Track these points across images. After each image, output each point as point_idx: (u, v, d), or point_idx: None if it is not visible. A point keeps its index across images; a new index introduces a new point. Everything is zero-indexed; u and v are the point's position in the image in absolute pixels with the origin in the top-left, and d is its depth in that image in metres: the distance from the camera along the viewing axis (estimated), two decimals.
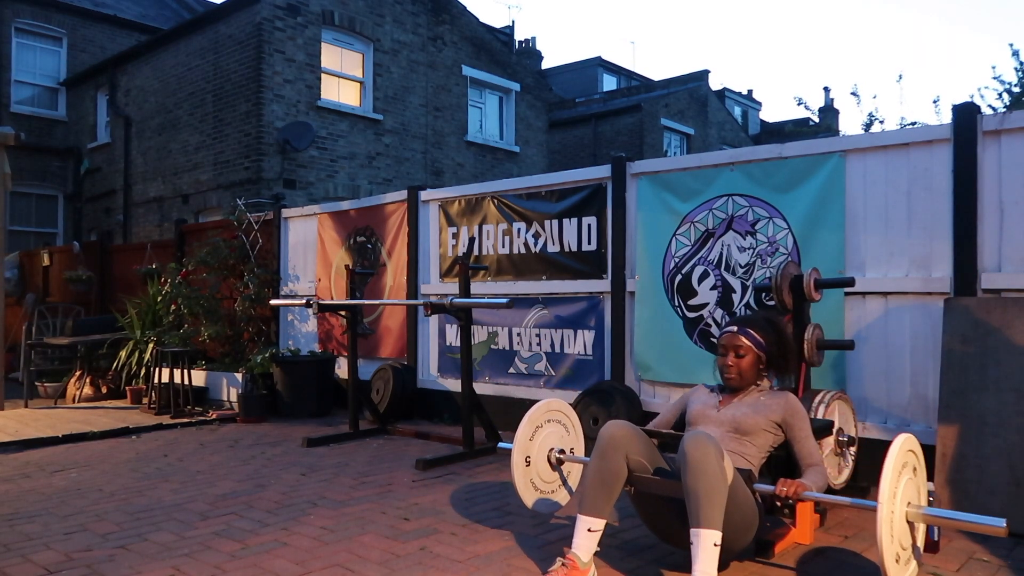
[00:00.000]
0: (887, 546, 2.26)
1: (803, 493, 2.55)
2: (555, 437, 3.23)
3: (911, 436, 2.54)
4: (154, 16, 16.68)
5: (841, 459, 3.56)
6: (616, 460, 2.63)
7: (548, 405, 3.25)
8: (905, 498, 2.41)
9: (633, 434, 2.70)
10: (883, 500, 2.27)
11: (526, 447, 3.11)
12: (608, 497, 2.63)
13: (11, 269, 10.63)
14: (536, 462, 3.14)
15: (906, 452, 2.47)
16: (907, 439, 2.49)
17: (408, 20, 12.53)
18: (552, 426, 3.23)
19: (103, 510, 3.73)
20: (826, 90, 27.52)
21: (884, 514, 2.27)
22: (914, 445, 2.56)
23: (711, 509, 2.36)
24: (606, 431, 2.69)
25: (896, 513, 2.34)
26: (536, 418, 3.17)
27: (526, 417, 3.14)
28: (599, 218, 5.34)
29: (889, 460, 2.34)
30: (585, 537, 2.61)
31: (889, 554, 2.27)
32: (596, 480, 2.63)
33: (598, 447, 2.67)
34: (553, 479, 3.22)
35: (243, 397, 6.51)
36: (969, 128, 3.81)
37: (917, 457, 2.57)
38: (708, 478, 2.38)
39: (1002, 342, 3.47)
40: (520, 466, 3.07)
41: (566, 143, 19.44)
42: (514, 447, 3.07)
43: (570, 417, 3.33)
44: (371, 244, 6.94)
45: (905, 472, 2.44)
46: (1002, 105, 12.08)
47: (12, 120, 13.66)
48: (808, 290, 3.55)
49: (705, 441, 2.44)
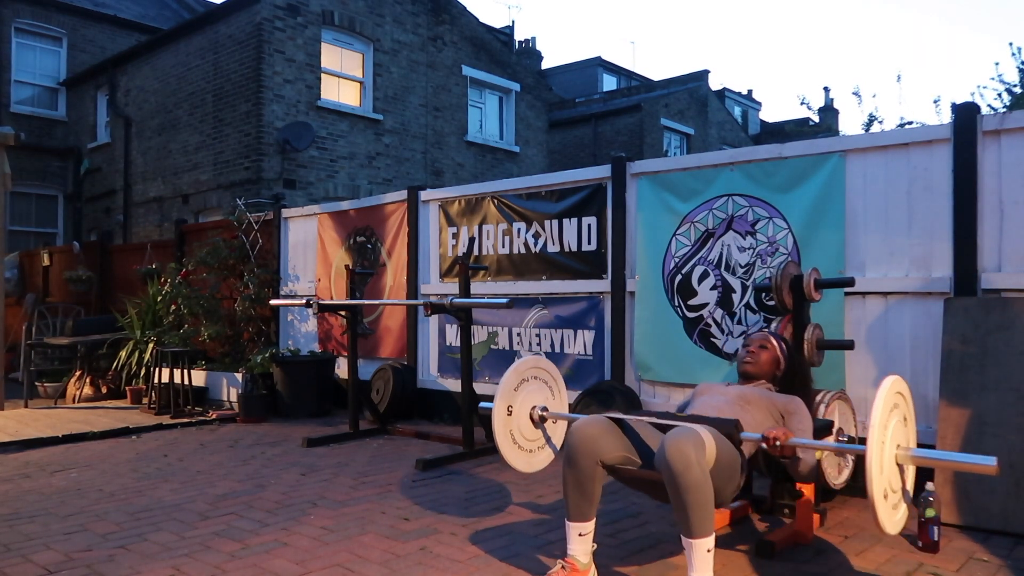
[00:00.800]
0: (876, 479, 2.19)
1: (791, 440, 2.48)
2: (539, 395, 3.17)
3: (899, 378, 2.49)
4: (154, 16, 16.68)
5: (841, 459, 3.56)
6: (586, 464, 2.60)
7: (536, 361, 3.21)
8: (895, 439, 2.36)
9: (601, 431, 2.65)
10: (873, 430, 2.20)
11: (509, 396, 3.04)
12: (588, 500, 2.62)
13: (11, 269, 10.63)
14: (518, 416, 3.08)
15: (895, 394, 2.41)
16: (895, 380, 2.44)
17: (408, 20, 12.53)
18: (537, 384, 3.17)
19: (103, 510, 3.73)
20: (826, 90, 27.55)
21: (875, 443, 2.20)
22: (903, 387, 2.51)
23: (701, 519, 2.34)
24: (572, 436, 2.64)
25: (887, 447, 2.29)
26: (523, 370, 3.12)
27: (512, 368, 3.09)
28: (599, 218, 5.34)
29: (879, 397, 2.28)
30: (578, 541, 2.61)
31: (878, 488, 2.21)
32: (572, 487, 2.62)
33: (567, 453, 2.64)
34: (535, 437, 3.16)
35: (243, 397, 6.51)
36: (969, 128, 3.80)
37: (906, 401, 2.53)
38: (694, 490, 2.32)
39: (1002, 342, 3.47)
40: (501, 414, 3.00)
41: (566, 143, 19.44)
42: (497, 393, 3.01)
43: (556, 379, 3.29)
44: (371, 244, 6.94)
45: (895, 413, 2.39)
46: (1002, 105, 12.08)
47: (12, 120, 13.66)
48: (808, 290, 3.55)
49: (683, 441, 2.36)
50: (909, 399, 2.58)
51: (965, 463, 2.35)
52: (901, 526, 2.41)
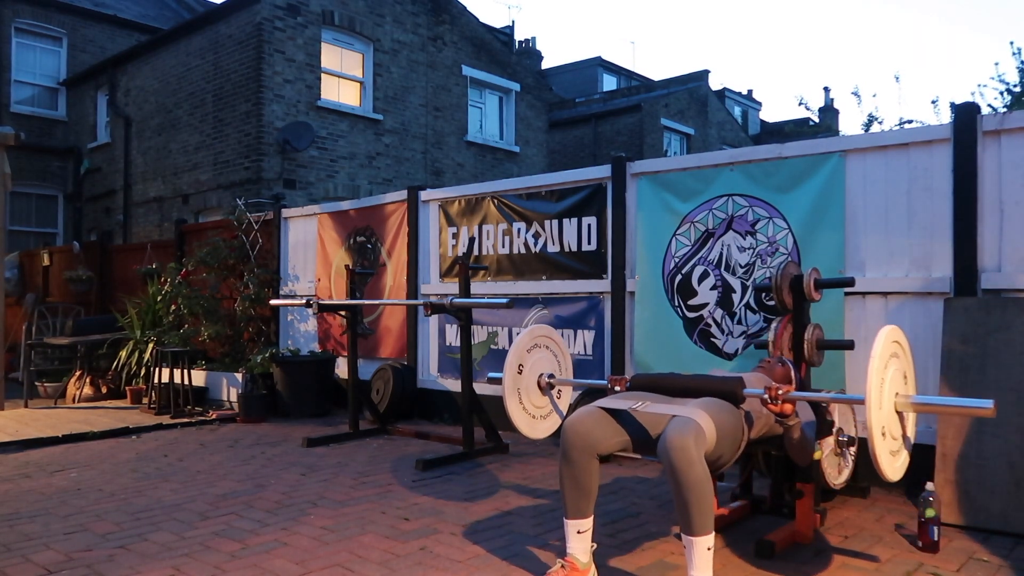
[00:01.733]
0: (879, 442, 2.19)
1: (791, 393, 2.48)
2: (547, 363, 3.19)
3: (896, 327, 2.49)
4: (154, 16, 16.68)
5: (841, 459, 3.56)
6: (583, 460, 2.59)
7: (547, 330, 3.26)
8: (893, 388, 2.36)
9: (594, 423, 2.63)
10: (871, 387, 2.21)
11: (522, 355, 3.08)
12: (586, 497, 2.61)
13: (11, 269, 10.63)
14: (527, 379, 3.11)
15: (891, 343, 2.41)
16: (892, 329, 2.43)
17: (408, 20, 12.53)
18: (546, 353, 3.19)
19: (103, 510, 3.73)
20: (826, 90, 27.53)
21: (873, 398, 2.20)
22: (899, 336, 2.50)
23: (702, 517, 2.34)
24: (566, 431, 2.63)
25: (886, 388, 2.28)
26: (536, 334, 3.19)
27: (527, 331, 3.17)
28: (599, 218, 5.34)
29: (876, 347, 2.28)
30: (577, 539, 2.61)
31: (881, 447, 2.21)
32: (569, 484, 2.61)
33: (562, 449, 2.63)
34: (543, 404, 3.18)
35: (243, 397, 6.51)
36: (969, 128, 3.80)
37: (902, 347, 2.52)
38: (695, 487, 2.32)
39: (1002, 342, 3.47)
40: (512, 372, 3.04)
41: (566, 143, 19.44)
42: (509, 352, 3.07)
43: (562, 350, 3.33)
44: (371, 244, 6.94)
45: (892, 362, 2.39)
46: (1002, 105, 12.08)
47: (12, 120, 13.66)
48: (808, 290, 3.55)
49: (685, 438, 2.35)
50: (908, 352, 2.55)
51: (963, 407, 2.38)
52: (901, 473, 2.42)
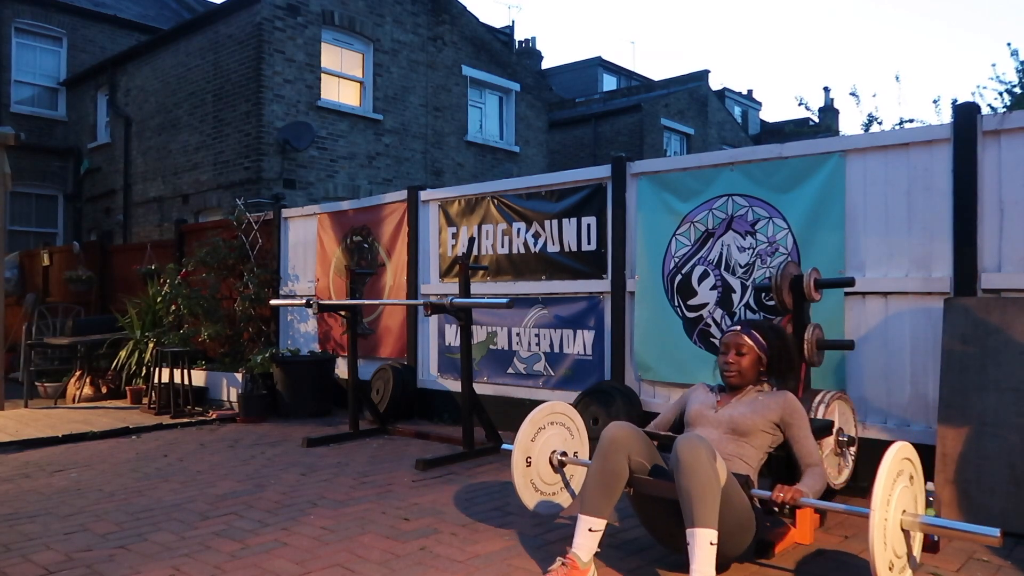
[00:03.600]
0: (879, 553, 2.24)
1: (800, 499, 2.54)
2: (558, 439, 3.22)
3: (907, 444, 2.51)
4: (154, 16, 16.67)
5: (841, 459, 3.56)
6: (618, 461, 2.63)
7: (552, 407, 3.25)
8: (900, 506, 2.38)
9: (634, 435, 2.70)
10: (875, 507, 2.25)
11: (527, 447, 3.11)
12: (609, 498, 2.63)
13: (11, 269, 10.63)
14: (537, 463, 3.14)
15: (901, 460, 2.43)
16: (903, 447, 2.46)
17: (408, 20, 12.52)
18: (555, 428, 3.23)
19: (103, 510, 3.73)
20: (826, 90, 27.54)
21: (876, 521, 2.25)
22: (911, 453, 2.52)
23: (704, 508, 2.36)
24: (608, 432, 2.69)
25: (890, 521, 2.32)
26: (538, 419, 3.17)
27: (528, 418, 3.14)
28: (599, 218, 5.34)
29: (883, 468, 2.31)
30: (586, 537, 2.61)
31: (882, 561, 2.25)
32: (597, 480, 2.64)
33: (600, 448, 2.68)
34: (555, 481, 3.22)
35: (243, 397, 6.51)
36: (969, 128, 3.80)
37: (914, 464, 2.54)
38: (699, 478, 2.38)
39: (1002, 342, 3.47)
40: (520, 466, 3.07)
41: (566, 143, 19.44)
42: (515, 447, 3.07)
43: (575, 421, 3.33)
44: (367, 244, 6.94)
45: (901, 480, 2.41)
46: (1002, 105, 12.07)
47: (12, 120, 13.66)
48: (808, 290, 3.55)
49: (696, 443, 2.45)
50: (916, 460, 2.57)
51: (969, 532, 2.37)
52: None
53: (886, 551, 2.29)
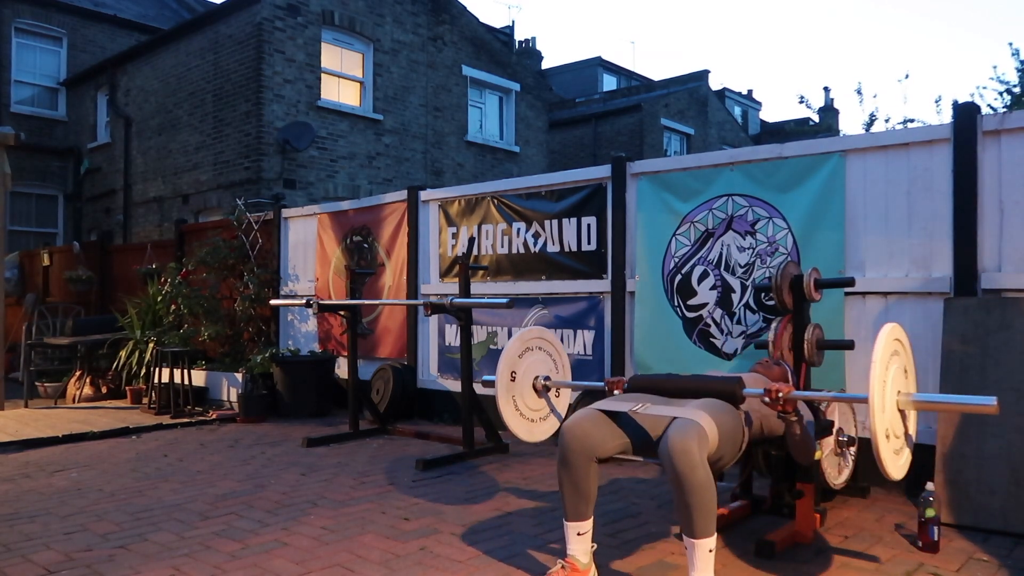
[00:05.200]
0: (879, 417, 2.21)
1: (792, 393, 2.49)
2: (543, 366, 3.17)
3: (896, 325, 2.49)
4: (154, 16, 16.67)
5: (841, 459, 3.56)
6: (581, 464, 2.57)
7: (540, 332, 3.23)
8: (895, 387, 2.37)
9: (592, 426, 2.62)
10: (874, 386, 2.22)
11: (513, 362, 3.04)
12: (585, 499, 2.61)
13: (11, 269, 10.63)
14: (522, 384, 3.09)
15: (893, 340, 2.41)
16: (893, 327, 2.44)
17: (408, 20, 12.53)
18: (541, 355, 3.17)
19: (103, 510, 3.73)
20: (826, 90, 27.51)
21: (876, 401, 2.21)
22: (900, 334, 2.50)
23: (703, 519, 2.34)
24: (564, 435, 2.62)
25: (888, 389, 2.29)
26: (527, 338, 3.14)
27: (517, 335, 3.12)
28: (599, 218, 5.34)
29: (877, 347, 2.29)
30: (577, 540, 2.61)
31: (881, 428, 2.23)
32: (568, 488, 2.61)
33: (560, 453, 2.61)
34: (540, 407, 3.17)
35: (243, 397, 6.51)
36: (969, 128, 3.80)
37: (903, 345, 2.53)
38: (697, 491, 2.31)
39: (1002, 342, 3.47)
40: (504, 380, 3.01)
41: (566, 143, 19.44)
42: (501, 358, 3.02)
43: (559, 351, 3.29)
44: (367, 244, 6.94)
45: (895, 360, 2.39)
46: (1002, 105, 12.07)
47: (12, 120, 13.65)
48: (808, 290, 3.55)
49: (687, 440, 2.34)
50: (908, 349, 2.56)
51: (965, 404, 2.39)
52: (904, 471, 2.44)
53: (884, 415, 2.27)
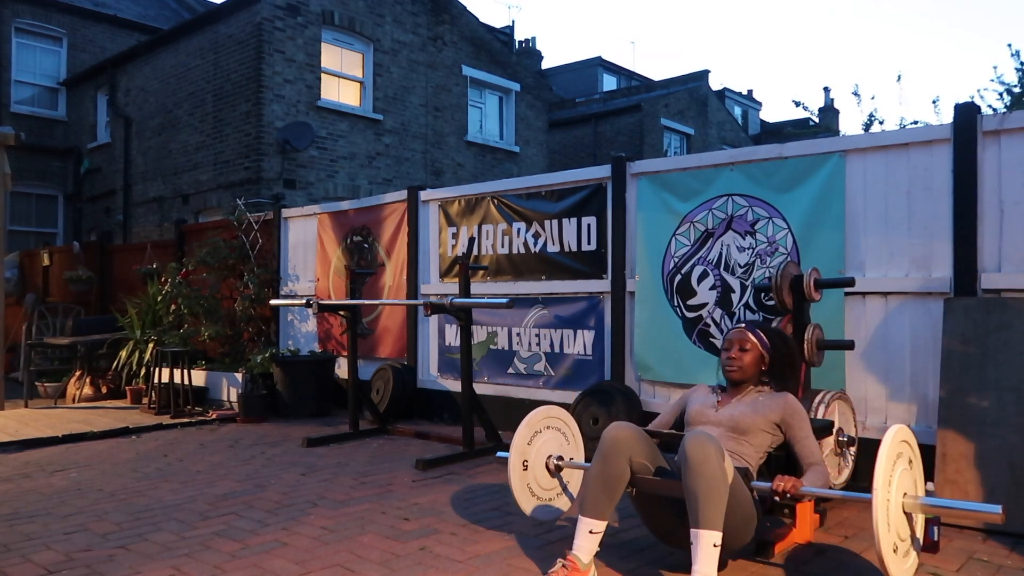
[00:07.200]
0: (884, 536, 2.24)
1: (800, 489, 2.54)
2: (554, 444, 3.22)
3: (904, 426, 2.53)
4: (154, 16, 16.67)
5: (841, 459, 3.57)
6: (619, 463, 2.62)
7: (548, 411, 3.24)
8: (901, 488, 2.39)
9: (636, 435, 2.69)
10: (878, 487, 2.25)
11: (523, 451, 3.10)
12: (610, 499, 2.63)
13: (11, 269, 10.63)
14: (534, 467, 3.13)
15: (899, 443, 2.44)
16: (900, 429, 2.47)
17: (408, 20, 12.52)
18: (551, 433, 3.22)
19: (103, 510, 3.73)
20: (826, 90, 27.53)
21: (879, 501, 2.24)
22: (908, 436, 2.53)
23: (711, 510, 2.36)
24: (609, 433, 2.68)
25: (892, 502, 2.32)
26: (535, 423, 3.16)
27: (524, 421, 3.13)
28: (599, 218, 5.34)
29: (883, 449, 2.32)
30: (586, 539, 2.61)
31: (887, 544, 2.25)
32: (598, 483, 2.63)
33: (600, 449, 2.66)
34: (552, 486, 3.22)
35: (243, 397, 6.51)
36: (969, 128, 3.80)
37: (912, 448, 2.55)
38: (708, 479, 2.37)
39: (1002, 342, 3.47)
40: (517, 470, 3.06)
41: (566, 143, 19.44)
42: (511, 451, 3.06)
43: (569, 426, 3.33)
44: (367, 244, 6.94)
45: (900, 462, 2.42)
46: (1002, 105, 12.07)
47: (12, 120, 13.65)
48: (808, 290, 3.55)
49: (706, 441, 2.44)
50: (914, 443, 2.59)
51: (971, 511, 2.41)
52: (911, 573, 2.45)
53: (890, 533, 2.29)
